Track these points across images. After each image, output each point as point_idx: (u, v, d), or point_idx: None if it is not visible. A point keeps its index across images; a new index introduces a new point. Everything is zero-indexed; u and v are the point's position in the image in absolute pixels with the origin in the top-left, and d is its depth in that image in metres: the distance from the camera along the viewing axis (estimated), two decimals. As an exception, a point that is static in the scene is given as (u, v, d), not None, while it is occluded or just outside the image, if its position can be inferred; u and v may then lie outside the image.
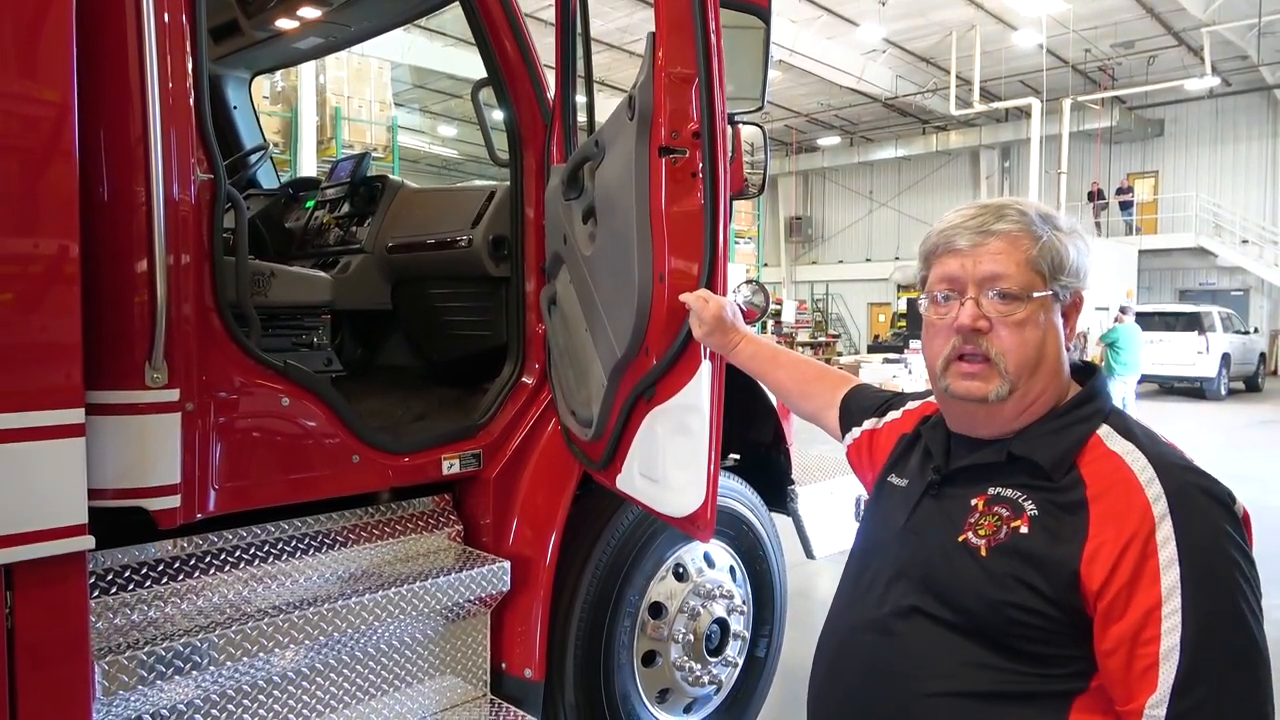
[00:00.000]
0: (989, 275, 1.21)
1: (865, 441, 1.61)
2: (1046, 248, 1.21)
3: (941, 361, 1.26)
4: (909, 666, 1.22)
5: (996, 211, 1.23)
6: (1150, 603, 1.05)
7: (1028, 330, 1.21)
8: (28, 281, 1.52)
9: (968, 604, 1.18)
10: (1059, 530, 1.13)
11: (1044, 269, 1.21)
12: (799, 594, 3.93)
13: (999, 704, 1.14)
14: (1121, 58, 20.52)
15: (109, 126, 1.71)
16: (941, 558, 1.23)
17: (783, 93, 22.44)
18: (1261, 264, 21.69)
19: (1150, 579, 1.06)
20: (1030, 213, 1.23)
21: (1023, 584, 1.13)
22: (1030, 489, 1.19)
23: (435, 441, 2.45)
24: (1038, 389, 1.23)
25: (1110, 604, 1.08)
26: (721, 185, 1.85)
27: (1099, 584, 1.08)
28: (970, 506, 1.23)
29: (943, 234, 1.26)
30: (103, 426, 1.70)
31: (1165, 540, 1.07)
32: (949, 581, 1.21)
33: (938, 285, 1.26)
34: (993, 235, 1.22)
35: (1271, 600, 4.12)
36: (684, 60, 1.83)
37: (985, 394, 1.22)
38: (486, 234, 2.83)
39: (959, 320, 1.22)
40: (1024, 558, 1.14)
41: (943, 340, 1.25)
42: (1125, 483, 1.12)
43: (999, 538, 1.17)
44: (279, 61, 4.21)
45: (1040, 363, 1.22)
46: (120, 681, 1.75)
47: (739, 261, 21.54)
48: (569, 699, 2.50)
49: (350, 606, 2.10)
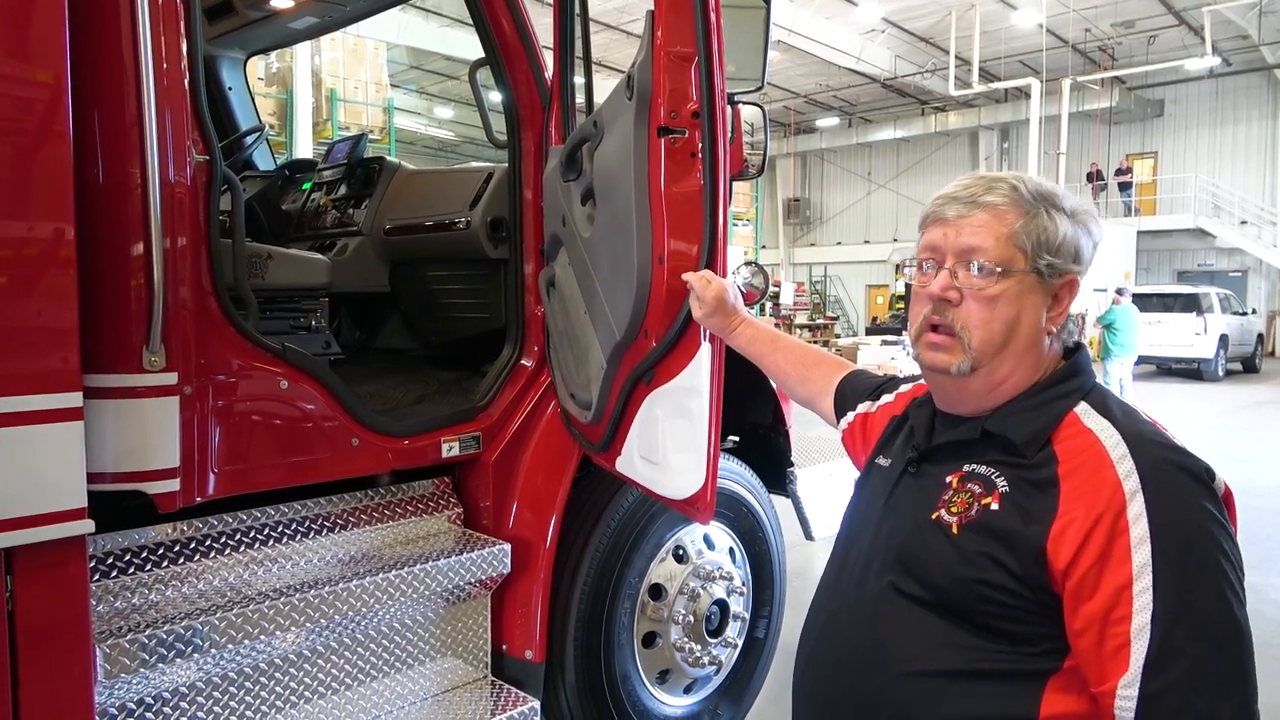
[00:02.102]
0: (966, 247, 1.20)
1: (859, 425, 1.61)
2: (1033, 225, 1.19)
3: (915, 329, 1.27)
4: (886, 645, 1.21)
5: (989, 184, 1.22)
6: (1120, 581, 1.04)
7: (999, 307, 1.19)
8: (24, 265, 1.51)
9: (940, 582, 1.17)
10: (1029, 507, 1.12)
11: (1026, 246, 1.19)
12: (798, 575, 3.95)
13: (973, 682, 1.14)
14: (1122, 37, 20.41)
15: (104, 108, 1.69)
16: (916, 535, 1.23)
17: (781, 73, 22.31)
18: (1260, 245, 21.66)
19: (1120, 557, 1.04)
20: (1023, 188, 1.20)
21: (993, 561, 1.12)
22: (1003, 465, 1.18)
23: (434, 424, 2.45)
24: (1006, 368, 1.22)
25: (1079, 583, 1.06)
26: (721, 166, 1.83)
27: (1065, 562, 1.07)
28: (945, 484, 1.23)
29: (936, 202, 1.26)
30: (101, 410, 1.69)
31: (1136, 517, 1.05)
32: (922, 559, 1.20)
33: (922, 253, 1.27)
34: (978, 207, 1.20)
35: (1270, 579, 4.16)
36: (683, 39, 1.81)
37: (948, 366, 1.22)
38: (485, 216, 2.82)
39: (929, 288, 1.23)
40: (994, 535, 1.13)
41: (920, 308, 1.26)
42: (1097, 459, 1.11)
43: (970, 515, 1.17)
44: (274, 41, 4.17)
45: (1009, 341, 1.20)
46: (122, 664, 1.75)
47: (737, 243, 21.51)
48: (569, 680, 2.51)
49: (351, 589, 2.10)
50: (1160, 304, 15.93)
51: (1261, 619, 3.88)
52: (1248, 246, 21.67)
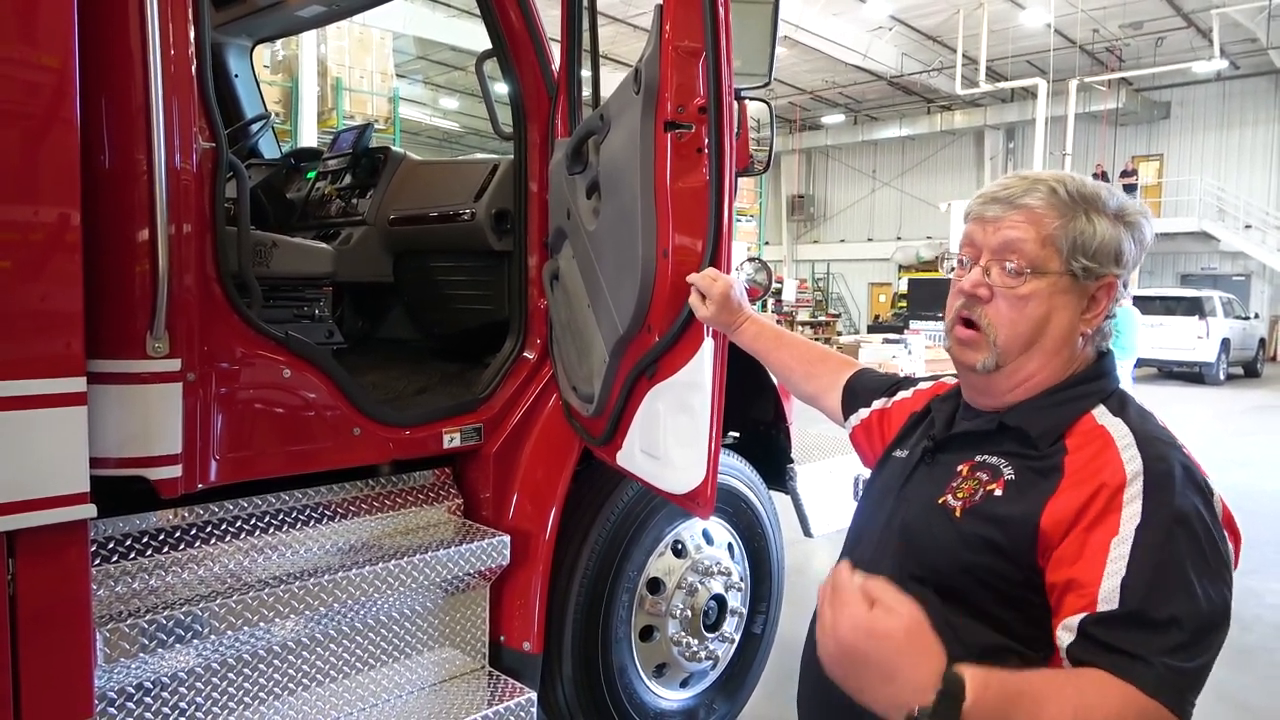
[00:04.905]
0: (1001, 246, 1.22)
1: (875, 421, 1.62)
2: (1071, 227, 1.20)
3: (948, 322, 1.30)
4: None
5: (1029, 185, 1.23)
6: (1102, 542, 1.06)
7: (1029, 306, 1.21)
8: (30, 250, 1.51)
9: (940, 565, 1.20)
10: (1029, 492, 1.15)
11: (1061, 247, 1.20)
12: (796, 571, 3.95)
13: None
14: (1129, 38, 20.36)
15: (111, 95, 1.69)
16: (921, 519, 1.26)
17: (787, 69, 22.27)
18: (1264, 249, 21.64)
19: (1109, 528, 1.06)
20: (1062, 190, 1.21)
21: (989, 545, 1.15)
22: (1014, 456, 1.21)
23: (436, 415, 2.45)
24: (1031, 367, 1.23)
25: (1064, 550, 1.09)
26: (727, 161, 1.83)
27: (1059, 531, 1.09)
28: (955, 471, 1.26)
29: (978, 201, 1.28)
30: (104, 395, 1.69)
31: (1132, 498, 1.07)
32: (925, 542, 1.23)
33: (961, 248, 1.30)
34: (1016, 208, 1.22)
35: (1268, 584, 4.17)
36: (691, 34, 1.81)
37: (973, 362, 1.25)
38: (489, 207, 2.81)
39: (961, 284, 1.26)
40: (993, 519, 1.16)
41: (953, 301, 1.29)
42: (1104, 448, 1.14)
43: (974, 500, 1.20)
44: (281, 29, 4.17)
45: (1036, 341, 1.22)
46: (121, 649, 1.76)
47: (740, 240, 21.45)
48: (567, 672, 2.52)
49: (350, 578, 2.11)
50: (1163, 307, 15.91)
51: (1260, 623, 3.77)
52: (1251, 250, 21.64)
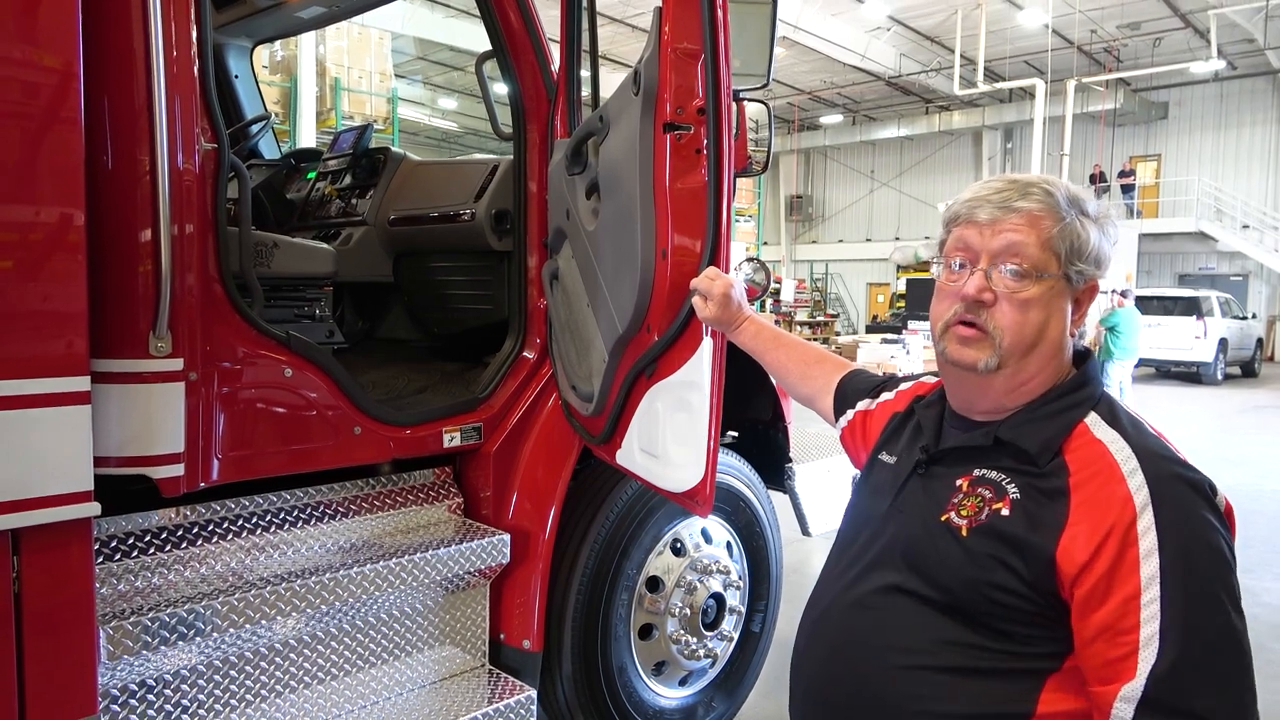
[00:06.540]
0: (1003, 250, 1.21)
1: (859, 422, 1.62)
2: (1068, 231, 1.20)
3: (942, 325, 1.27)
4: (884, 641, 1.24)
5: (1023, 188, 1.22)
6: (1130, 591, 1.06)
7: (1032, 311, 1.21)
8: (33, 249, 1.52)
9: (947, 582, 1.19)
10: (1039, 515, 1.15)
11: (1061, 251, 1.20)
12: (795, 570, 3.97)
13: (972, 679, 1.16)
14: (1127, 39, 20.37)
15: (114, 95, 1.70)
16: (924, 536, 1.24)
17: (786, 70, 22.27)
18: (1261, 249, 21.65)
19: (1130, 568, 1.07)
20: (1057, 194, 1.21)
21: (1001, 564, 1.15)
22: (1015, 472, 1.20)
23: (436, 414, 2.46)
24: (1031, 369, 1.23)
25: (1089, 592, 1.09)
26: (726, 162, 1.84)
27: (1076, 571, 1.09)
28: (955, 487, 1.24)
29: (966, 204, 1.26)
30: (107, 394, 1.71)
31: (1145, 530, 1.07)
32: (930, 559, 1.22)
33: (954, 251, 1.27)
34: (1014, 211, 1.21)
35: (1265, 583, 4.17)
36: (690, 35, 1.82)
37: (976, 362, 1.23)
38: (489, 208, 2.82)
39: (964, 289, 1.23)
40: (1003, 539, 1.15)
41: (947, 305, 1.26)
42: (1108, 471, 1.13)
43: (980, 519, 1.19)
44: (281, 30, 4.18)
45: (1038, 345, 1.22)
46: (125, 646, 1.77)
47: (739, 240, 21.47)
48: (566, 670, 2.53)
49: (351, 576, 2.12)
50: (1160, 307, 15.94)
51: (1256, 622, 3.93)
52: (1249, 251, 21.66)
